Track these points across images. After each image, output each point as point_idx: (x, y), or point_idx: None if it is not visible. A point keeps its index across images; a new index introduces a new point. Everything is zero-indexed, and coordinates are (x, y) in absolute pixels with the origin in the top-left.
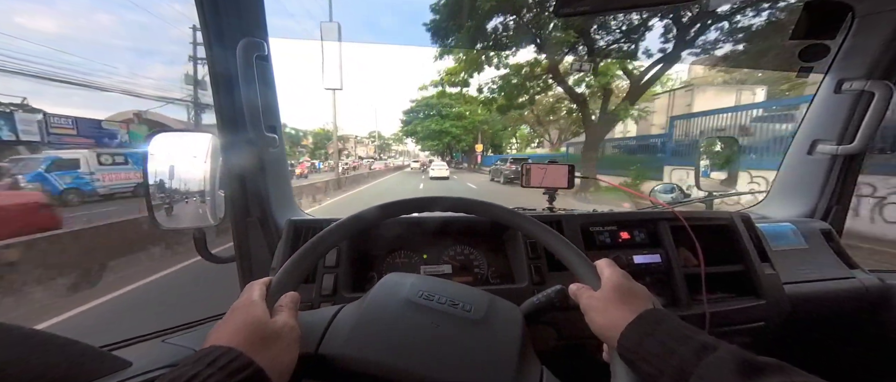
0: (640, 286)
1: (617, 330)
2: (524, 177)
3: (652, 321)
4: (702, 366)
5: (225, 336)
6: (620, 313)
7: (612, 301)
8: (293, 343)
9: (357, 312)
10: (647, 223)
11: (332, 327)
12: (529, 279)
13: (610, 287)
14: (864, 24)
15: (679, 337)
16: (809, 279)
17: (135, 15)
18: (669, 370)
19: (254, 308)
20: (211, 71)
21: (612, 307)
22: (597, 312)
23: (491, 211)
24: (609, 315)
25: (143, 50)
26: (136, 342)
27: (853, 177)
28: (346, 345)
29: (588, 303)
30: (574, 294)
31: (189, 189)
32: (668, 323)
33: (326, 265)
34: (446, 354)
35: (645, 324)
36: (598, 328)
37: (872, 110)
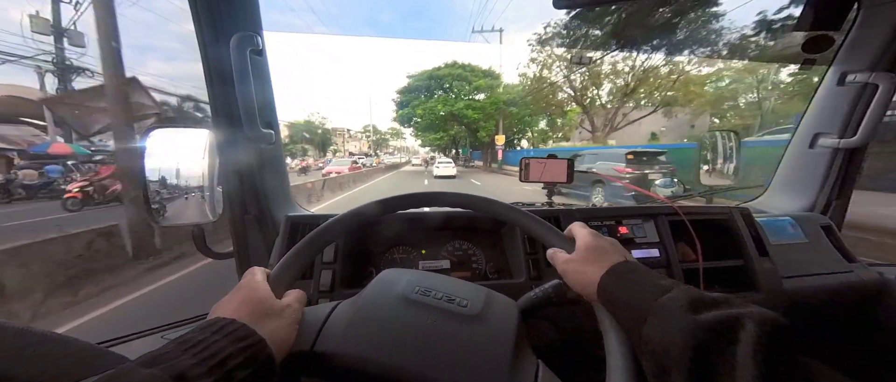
0: (611, 239)
1: (593, 284)
2: (523, 172)
3: (621, 272)
4: (657, 304)
5: (230, 309)
6: (595, 268)
7: (587, 260)
8: (293, 322)
9: (353, 308)
10: (645, 218)
11: (328, 323)
12: (527, 274)
13: (583, 247)
14: (871, 15)
15: (643, 282)
16: (808, 273)
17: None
18: (633, 311)
19: (257, 286)
20: (205, 66)
21: (587, 266)
22: (574, 272)
23: (467, 201)
24: (585, 273)
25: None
26: (134, 338)
27: (854, 171)
28: (341, 342)
29: (565, 266)
30: (551, 259)
31: (187, 186)
32: (635, 272)
33: (324, 261)
34: (441, 350)
35: (615, 275)
36: (577, 286)
37: (876, 103)
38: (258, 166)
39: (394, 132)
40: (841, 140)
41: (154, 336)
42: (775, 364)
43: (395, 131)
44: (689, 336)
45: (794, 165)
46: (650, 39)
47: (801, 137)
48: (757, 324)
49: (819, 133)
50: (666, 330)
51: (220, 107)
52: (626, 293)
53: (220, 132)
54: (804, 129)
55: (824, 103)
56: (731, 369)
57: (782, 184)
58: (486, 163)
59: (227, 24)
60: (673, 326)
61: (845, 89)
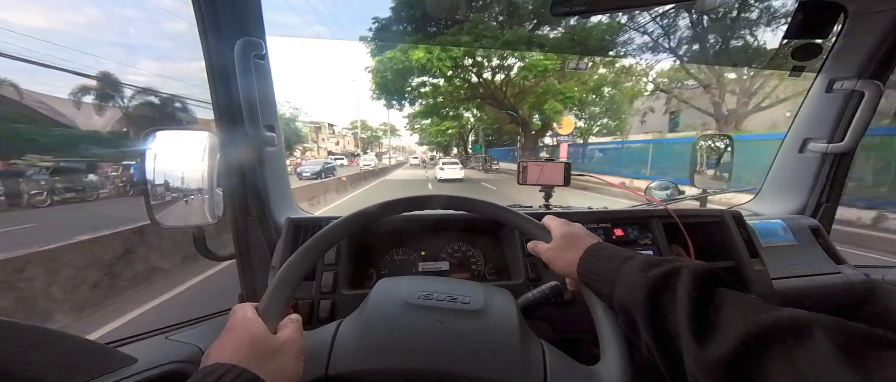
0: (579, 226)
1: (574, 266)
2: (521, 175)
3: (594, 251)
4: (621, 271)
5: (226, 352)
6: (571, 252)
7: (564, 247)
8: (296, 356)
9: (358, 324)
10: (640, 221)
11: (336, 345)
12: (525, 276)
13: (559, 236)
14: (857, 25)
15: (613, 257)
16: (798, 275)
17: (125, 9)
18: (605, 280)
19: (251, 325)
20: (208, 69)
21: (565, 251)
22: (556, 259)
23: (450, 202)
24: (565, 258)
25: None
26: (140, 338)
27: (843, 175)
28: (354, 360)
29: (547, 254)
30: (533, 250)
31: (188, 187)
32: (607, 250)
33: (326, 263)
34: (454, 347)
35: (591, 255)
36: (560, 269)
37: (862, 110)
38: (260, 168)
39: (387, 129)
40: (829, 145)
41: (159, 337)
42: (700, 294)
43: (388, 127)
44: (644, 288)
45: (785, 168)
46: (647, 45)
47: (792, 141)
48: (690, 270)
49: (809, 138)
50: (628, 288)
51: (223, 109)
52: (599, 266)
53: (222, 134)
54: (794, 133)
55: (813, 109)
56: (673, 305)
57: (774, 187)
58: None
59: (232, 30)
60: (633, 283)
61: (833, 96)
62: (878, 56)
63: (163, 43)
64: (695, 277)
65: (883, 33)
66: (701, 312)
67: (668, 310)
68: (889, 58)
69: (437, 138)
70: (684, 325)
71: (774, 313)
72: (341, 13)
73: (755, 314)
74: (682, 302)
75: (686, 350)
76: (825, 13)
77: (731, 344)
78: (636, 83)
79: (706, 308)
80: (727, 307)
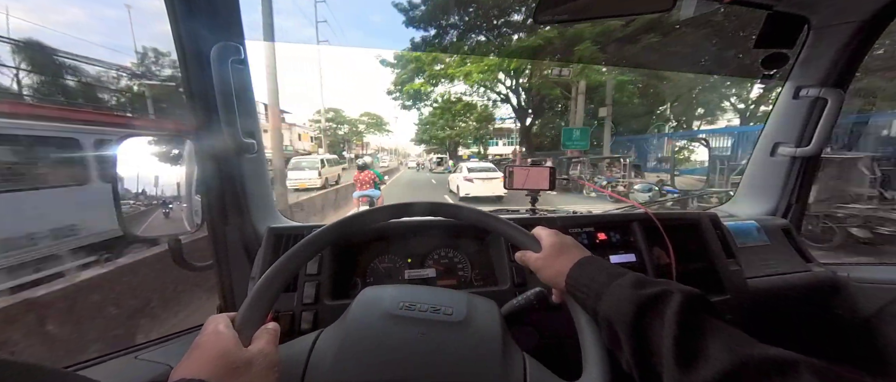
0: (570, 238)
1: (562, 276)
2: (507, 179)
3: (584, 263)
4: (610, 287)
5: (194, 367)
6: (561, 263)
7: (553, 257)
8: (268, 369)
9: (338, 335)
10: (622, 225)
11: (313, 356)
12: (511, 281)
13: (549, 245)
14: (819, 36)
15: (600, 271)
16: (770, 274)
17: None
18: (592, 293)
19: (220, 338)
20: (184, 74)
21: (554, 261)
22: (545, 268)
23: (439, 210)
24: (554, 267)
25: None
26: (107, 359)
27: (811, 177)
28: (332, 371)
29: (536, 264)
30: (522, 260)
31: (162, 195)
32: (595, 264)
33: (308, 273)
34: (434, 359)
35: (579, 267)
36: (548, 279)
37: (826, 115)
38: (239, 176)
39: (373, 122)
40: (798, 149)
41: (128, 357)
42: (688, 319)
43: (375, 120)
44: (632, 305)
45: (758, 171)
46: (624, 54)
47: (764, 145)
48: (681, 295)
49: (779, 142)
50: (615, 303)
51: (201, 116)
52: (587, 279)
53: (199, 141)
54: (766, 138)
55: (782, 115)
56: (660, 327)
57: (748, 189)
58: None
59: (209, 34)
60: (621, 300)
61: (800, 102)
62: (840, 65)
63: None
64: (685, 302)
65: (843, 44)
66: (687, 338)
67: (653, 331)
68: (850, 66)
69: (445, 131)
70: (668, 348)
71: (760, 349)
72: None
73: (741, 347)
74: (669, 325)
75: (667, 373)
76: (790, 25)
77: (713, 374)
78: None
79: (692, 335)
80: (714, 337)
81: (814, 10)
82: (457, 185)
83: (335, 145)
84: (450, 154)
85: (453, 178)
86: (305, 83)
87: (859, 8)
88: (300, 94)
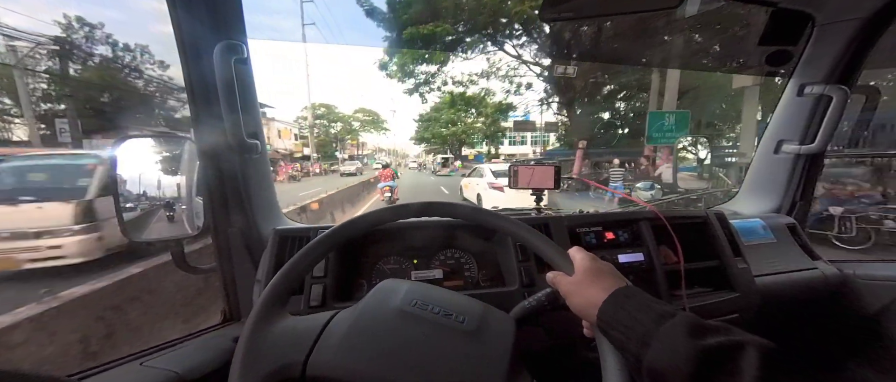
0: (608, 264)
1: (594, 308)
2: (512, 179)
3: (622, 296)
4: (661, 330)
5: None
6: (594, 292)
7: (586, 283)
8: None
9: (350, 320)
10: (629, 223)
11: (323, 334)
12: (520, 282)
13: (582, 270)
14: (823, 33)
15: (644, 308)
16: (777, 272)
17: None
18: (635, 336)
19: None
20: (186, 75)
21: (586, 289)
22: (575, 294)
23: (465, 213)
24: (585, 295)
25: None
26: (112, 366)
27: (815, 174)
28: (335, 355)
29: (567, 288)
30: (552, 282)
31: (163, 197)
32: (637, 298)
33: (314, 275)
34: (437, 368)
35: (617, 300)
36: (578, 308)
37: (830, 113)
38: (243, 177)
39: (369, 119)
40: (802, 147)
41: (133, 363)
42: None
43: (371, 117)
44: (693, 360)
45: (762, 169)
46: (628, 52)
47: (767, 143)
48: (758, 350)
49: (782, 140)
50: (669, 355)
51: (203, 116)
52: (627, 317)
53: (202, 142)
54: (769, 135)
55: (786, 112)
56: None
57: (752, 187)
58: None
59: (211, 33)
60: (676, 351)
61: (804, 100)
62: (844, 62)
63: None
64: (765, 359)
65: (848, 41)
66: None
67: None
68: (854, 64)
69: (448, 128)
70: None
71: None
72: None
73: None
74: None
75: None
76: (794, 22)
77: None
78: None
79: None
80: None
81: (818, 7)
82: (477, 194)
83: (326, 144)
84: (455, 154)
85: (470, 184)
86: (293, 79)
87: (864, 4)
88: (287, 91)
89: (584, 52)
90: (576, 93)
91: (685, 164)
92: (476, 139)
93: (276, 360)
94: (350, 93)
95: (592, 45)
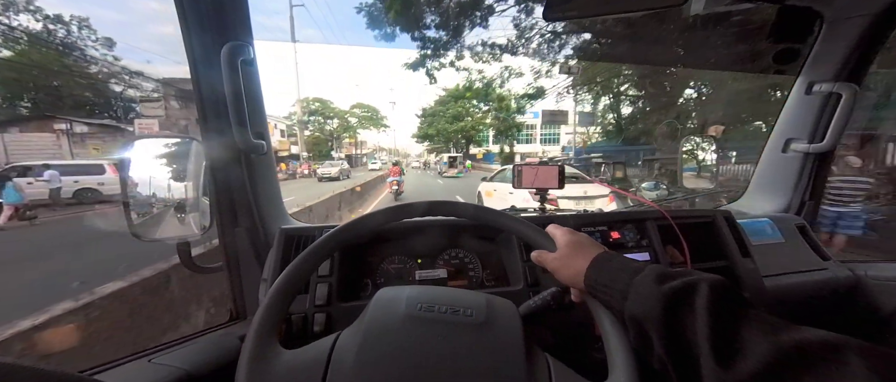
0: (585, 235)
1: (580, 276)
2: (516, 178)
3: (603, 260)
4: (634, 282)
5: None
6: (578, 261)
7: (570, 256)
8: None
9: (357, 338)
10: (636, 223)
11: (333, 360)
12: (524, 282)
13: (564, 244)
14: (832, 29)
15: (621, 268)
16: (787, 272)
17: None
18: (617, 292)
19: None
20: (193, 75)
21: (572, 260)
22: (562, 268)
23: (456, 210)
24: (571, 267)
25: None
26: (120, 363)
27: (824, 173)
28: (353, 376)
29: (553, 264)
30: (537, 260)
31: (172, 198)
32: (615, 260)
33: (320, 274)
34: (457, 363)
35: (599, 264)
36: (566, 279)
37: (840, 111)
38: (249, 177)
39: (367, 115)
40: (811, 145)
41: (141, 360)
42: (720, 309)
43: (369, 113)
44: (660, 301)
45: (770, 168)
46: (632, 50)
47: (775, 141)
48: (708, 284)
49: (791, 139)
50: (642, 301)
51: (210, 117)
52: (608, 277)
53: (209, 142)
54: (777, 134)
55: (794, 110)
56: (692, 320)
57: (759, 186)
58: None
59: (218, 34)
60: (647, 297)
61: (812, 98)
62: (854, 59)
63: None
64: (714, 290)
65: (857, 38)
66: (722, 329)
67: (685, 325)
68: (864, 61)
69: (455, 124)
70: (704, 342)
71: (800, 333)
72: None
73: (780, 333)
74: (702, 317)
75: (706, 367)
76: (803, 19)
77: (757, 365)
78: None
79: (728, 325)
80: (749, 326)
81: (827, 4)
82: (510, 206)
83: (321, 142)
84: (465, 154)
85: (494, 192)
86: (283, 70)
87: (873, 1)
88: (277, 82)
89: (585, 49)
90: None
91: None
92: (483, 136)
93: None
94: (345, 85)
95: (590, 42)
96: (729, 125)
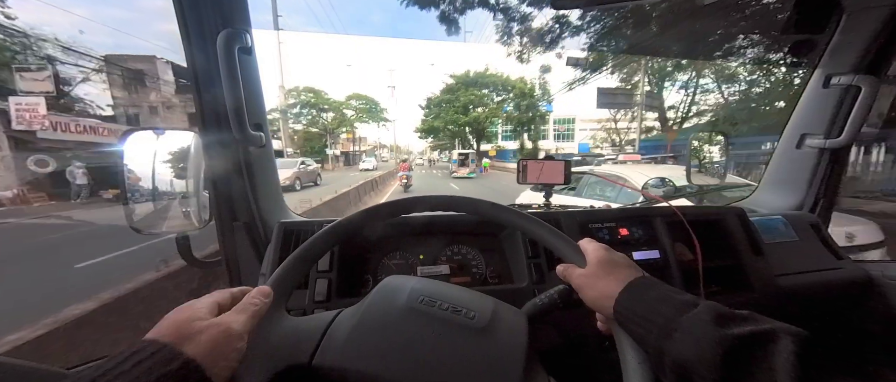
0: (622, 255)
1: (609, 300)
2: (520, 173)
3: (640, 287)
4: (684, 320)
5: (157, 331)
6: (608, 283)
7: (600, 275)
8: (220, 340)
9: (354, 319)
10: (644, 219)
11: (327, 334)
12: (530, 279)
13: (595, 262)
14: (853, 20)
15: (664, 299)
16: (800, 271)
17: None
18: (656, 327)
19: (192, 306)
20: (190, 66)
21: (601, 281)
22: (588, 287)
23: (476, 207)
24: (600, 288)
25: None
26: None
27: (840, 170)
28: (341, 356)
29: (579, 281)
30: (563, 275)
31: (170, 191)
32: (656, 288)
33: (319, 270)
34: (448, 367)
35: (635, 291)
36: (591, 301)
37: (859, 104)
38: (248, 170)
39: (365, 107)
40: (827, 141)
41: None
42: (807, 374)
43: (367, 104)
44: (720, 347)
45: (783, 164)
46: (642, 42)
47: (789, 137)
48: (792, 338)
49: (806, 134)
50: (693, 344)
51: (207, 108)
52: (646, 308)
53: (206, 135)
54: (791, 129)
55: (810, 105)
56: (769, 380)
57: (772, 183)
58: None
59: (214, 22)
60: (701, 340)
61: (830, 91)
62: (874, 50)
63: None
64: (800, 349)
65: (879, 28)
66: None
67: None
68: (885, 52)
69: (462, 116)
70: None
71: None
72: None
73: None
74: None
75: None
76: (821, 9)
77: None
78: None
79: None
80: None
81: None
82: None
83: (314, 138)
84: (477, 151)
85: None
86: (270, 57)
87: None
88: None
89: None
90: None
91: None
92: (494, 132)
93: (278, 363)
94: (337, 68)
95: (599, 32)
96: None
